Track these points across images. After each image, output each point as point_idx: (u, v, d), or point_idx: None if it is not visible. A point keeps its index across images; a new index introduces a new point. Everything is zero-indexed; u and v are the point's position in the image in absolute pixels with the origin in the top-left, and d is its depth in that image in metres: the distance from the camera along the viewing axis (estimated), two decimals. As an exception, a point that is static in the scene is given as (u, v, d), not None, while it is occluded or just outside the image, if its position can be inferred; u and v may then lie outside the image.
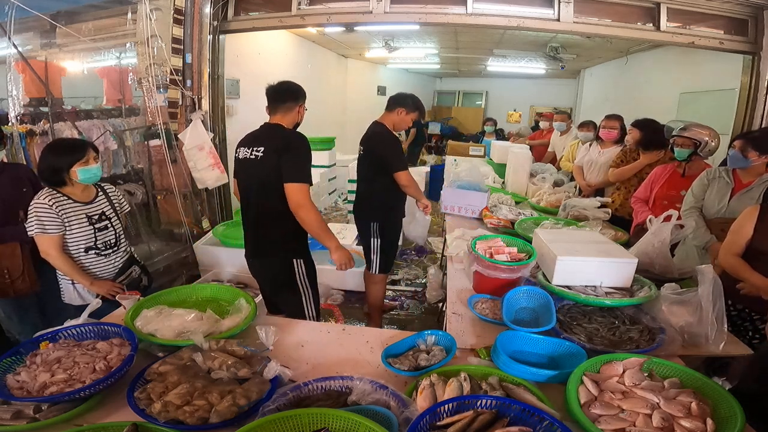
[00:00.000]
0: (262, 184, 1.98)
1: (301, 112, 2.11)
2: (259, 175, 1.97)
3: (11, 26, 2.59)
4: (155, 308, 1.50)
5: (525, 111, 11.07)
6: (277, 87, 2.08)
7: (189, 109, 3.60)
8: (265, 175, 1.94)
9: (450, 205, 3.03)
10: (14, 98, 2.66)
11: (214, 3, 3.59)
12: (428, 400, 1.09)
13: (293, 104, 2.06)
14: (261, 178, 1.97)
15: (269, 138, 1.99)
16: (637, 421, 1.04)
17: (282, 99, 2.05)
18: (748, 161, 2.10)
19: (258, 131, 2.09)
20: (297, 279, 2.06)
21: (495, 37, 5.76)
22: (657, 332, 1.48)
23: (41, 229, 1.85)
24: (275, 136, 1.98)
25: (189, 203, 3.67)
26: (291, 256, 2.05)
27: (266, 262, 2.12)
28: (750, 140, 2.12)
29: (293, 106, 2.06)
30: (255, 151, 1.98)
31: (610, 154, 3.50)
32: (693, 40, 3.47)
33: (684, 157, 2.51)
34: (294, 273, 2.05)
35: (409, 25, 4.21)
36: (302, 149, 1.95)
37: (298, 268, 2.06)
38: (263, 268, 2.17)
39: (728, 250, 1.87)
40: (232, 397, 1.07)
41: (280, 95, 2.06)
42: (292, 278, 2.06)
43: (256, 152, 1.97)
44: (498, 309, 1.70)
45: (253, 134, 2.09)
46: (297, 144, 1.95)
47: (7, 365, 1.21)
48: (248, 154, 2.00)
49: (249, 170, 2.02)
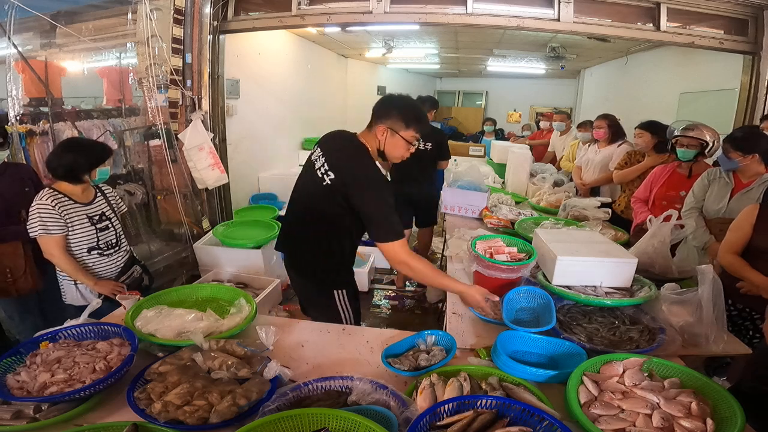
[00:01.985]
0: (319, 210, 1.68)
1: (380, 137, 1.64)
2: (320, 203, 1.67)
3: (11, 26, 2.59)
4: (155, 308, 1.50)
5: (525, 111, 11.06)
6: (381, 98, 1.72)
7: (189, 109, 3.60)
8: (327, 205, 1.64)
9: (450, 205, 3.03)
10: (14, 98, 2.66)
11: (214, 3, 3.59)
12: (428, 400, 1.09)
13: (376, 122, 1.65)
14: (322, 206, 1.66)
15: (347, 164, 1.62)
16: (637, 421, 1.04)
17: (374, 112, 1.68)
18: (733, 162, 2.11)
19: (342, 142, 1.72)
20: (338, 306, 1.80)
21: (495, 37, 5.76)
22: (657, 332, 1.48)
23: (44, 230, 1.85)
24: (351, 166, 1.61)
25: (189, 203, 3.67)
26: (332, 288, 1.78)
27: (303, 282, 1.88)
28: (730, 141, 2.13)
29: (375, 124, 1.65)
30: (326, 172, 1.62)
31: (605, 153, 3.51)
32: (693, 40, 3.47)
33: (690, 158, 2.50)
34: (335, 301, 1.79)
35: (409, 25, 4.20)
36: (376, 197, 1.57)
37: (339, 297, 1.79)
38: (299, 282, 1.91)
39: (727, 249, 1.87)
40: (232, 397, 1.07)
41: (374, 108, 1.69)
42: (332, 305, 1.79)
43: (327, 174, 1.62)
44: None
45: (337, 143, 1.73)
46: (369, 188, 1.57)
47: (7, 365, 1.21)
48: (320, 168, 1.66)
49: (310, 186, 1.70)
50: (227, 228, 3.52)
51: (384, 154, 1.68)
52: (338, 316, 1.80)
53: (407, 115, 1.62)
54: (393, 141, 1.64)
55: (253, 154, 4.87)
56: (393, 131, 1.62)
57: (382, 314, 3.47)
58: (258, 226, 3.58)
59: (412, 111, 1.65)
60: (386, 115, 1.63)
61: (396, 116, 1.62)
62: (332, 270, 1.77)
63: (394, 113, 1.62)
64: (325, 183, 1.63)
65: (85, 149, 1.94)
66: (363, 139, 1.68)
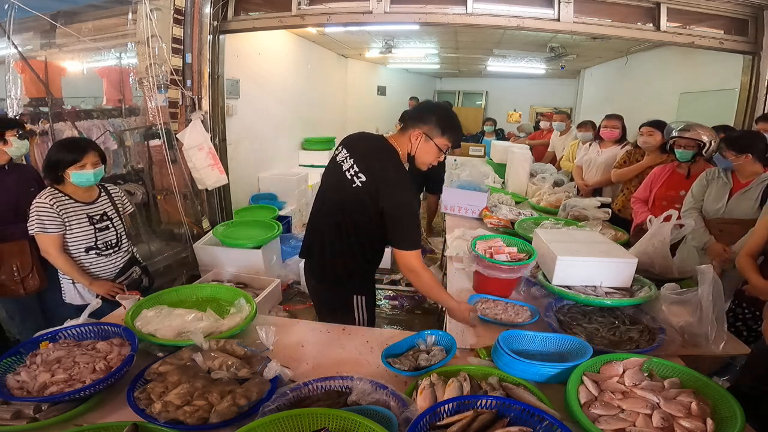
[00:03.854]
0: (348, 214, 1.65)
1: (414, 141, 1.62)
2: (349, 206, 1.64)
3: (11, 26, 2.59)
4: (155, 308, 1.50)
5: (525, 111, 11.05)
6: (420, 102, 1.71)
7: (189, 109, 3.60)
8: (355, 209, 1.62)
9: (450, 205, 3.03)
10: (14, 98, 2.67)
11: (214, 3, 3.59)
12: (428, 400, 1.09)
13: (412, 126, 1.63)
14: (350, 209, 1.64)
15: (378, 166, 1.60)
16: (637, 421, 1.04)
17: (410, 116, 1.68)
18: (727, 161, 2.12)
19: (373, 144, 1.70)
20: (355, 311, 1.79)
21: (495, 37, 5.76)
22: (657, 332, 1.48)
23: (41, 228, 1.86)
24: (384, 168, 1.59)
25: (189, 203, 3.67)
26: (352, 293, 1.77)
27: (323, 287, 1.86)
28: (726, 141, 2.15)
29: (409, 128, 1.63)
30: (357, 174, 1.60)
31: (608, 153, 3.50)
32: (693, 40, 3.47)
33: (688, 159, 2.50)
34: (353, 306, 1.78)
35: (409, 25, 4.21)
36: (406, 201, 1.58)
37: (357, 302, 1.78)
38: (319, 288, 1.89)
39: (744, 252, 1.89)
40: (232, 397, 1.07)
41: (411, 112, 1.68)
42: (349, 309, 1.79)
43: (357, 176, 1.60)
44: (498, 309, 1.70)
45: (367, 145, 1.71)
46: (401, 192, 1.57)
47: (7, 365, 1.21)
48: (348, 169, 1.63)
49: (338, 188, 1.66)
50: (227, 228, 3.52)
51: (413, 159, 1.66)
52: (353, 319, 1.79)
53: (445, 123, 1.61)
54: (426, 147, 1.62)
55: (253, 154, 4.87)
56: (428, 137, 1.60)
57: (382, 314, 3.47)
58: (258, 226, 3.58)
59: (450, 120, 1.63)
60: (423, 120, 1.61)
61: (434, 122, 1.60)
62: (357, 275, 1.75)
63: (433, 119, 1.60)
64: (355, 185, 1.60)
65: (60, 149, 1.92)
66: (394, 142, 1.66)
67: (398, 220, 1.57)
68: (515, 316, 1.65)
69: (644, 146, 3.04)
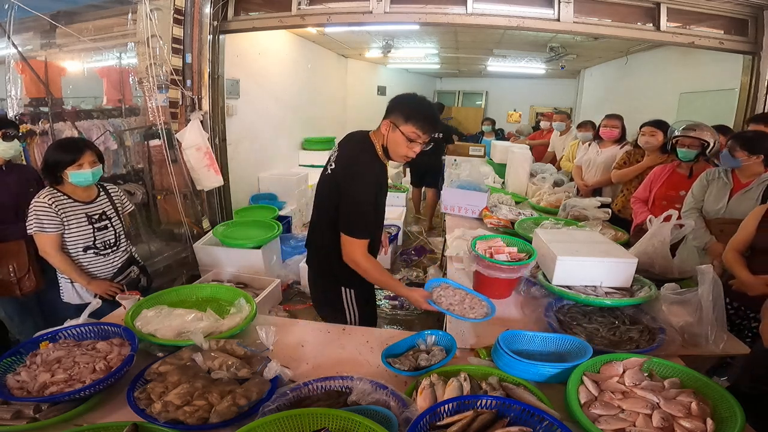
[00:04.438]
0: (321, 202, 1.76)
1: (384, 132, 1.63)
2: (322, 192, 1.76)
3: (11, 26, 2.59)
4: (155, 308, 1.50)
5: (525, 111, 11.06)
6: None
7: (189, 109, 3.60)
8: (329, 196, 1.69)
9: (450, 205, 3.03)
10: (14, 98, 2.66)
11: (214, 3, 3.59)
12: (428, 400, 1.09)
13: (385, 118, 1.65)
14: (323, 196, 1.75)
15: (347, 155, 1.69)
16: (637, 421, 1.04)
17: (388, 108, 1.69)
18: (737, 161, 2.11)
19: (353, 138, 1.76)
20: (344, 305, 1.82)
21: (495, 37, 5.76)
22: (657, 332, 1.48)
23: (39, 228, 1.86)
24: (352, 157, 1.67)
25: (189, 203, 3.67)
26: (340, 285, 1.80)
27: (315, 277, 1.94)
28: (739, 140, 2.12)
29: (384, 120, 1.65)
30: (330, 163, 1.72)
31: (608, 153, 3.50)
32: (693, 40, 3.47)
33: (692, 158, 2.49)
34: (342, 299, 1.81)
35: (409, 25, 4.21)
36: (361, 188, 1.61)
37: (346, 295, 1.81)
38: (311, 278, 1.97)
39: (731, 246, 1.90)
40: (232, 397, 1.07)
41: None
42: (338, 302, 1.82)
43: (330, 164, 1.71)
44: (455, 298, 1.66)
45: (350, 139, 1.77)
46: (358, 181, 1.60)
47: (7, 365, 1.21)
48: (329, 161, 1.74)
49: (321, 180, 1.78)
50: (227, 228, 3.52)
51: (387, 151, 1.66)
52: (343, 314, 1.82)
53: (409, 109, 1.59)
54: (394, 136, 1.61)
55: (253, 154, 4.87)
56: (395, 126, 1.60)
57: (382, 314, 3.47)
58: (258, 226, 3.58)
59: (414, 106, 1.61)
60: (391, 110, 1.63)
61: (398, 110, 1.60)
62: (345, 267, 1.72)
63: (397, 108, 1.61)
64: (327, 173, 1.73)
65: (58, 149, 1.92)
66: (372, 137, 1.69)
67: (349, 206, 1.62)
68: (469, 310, 1.57)
69: (645, 146, 3.03)
